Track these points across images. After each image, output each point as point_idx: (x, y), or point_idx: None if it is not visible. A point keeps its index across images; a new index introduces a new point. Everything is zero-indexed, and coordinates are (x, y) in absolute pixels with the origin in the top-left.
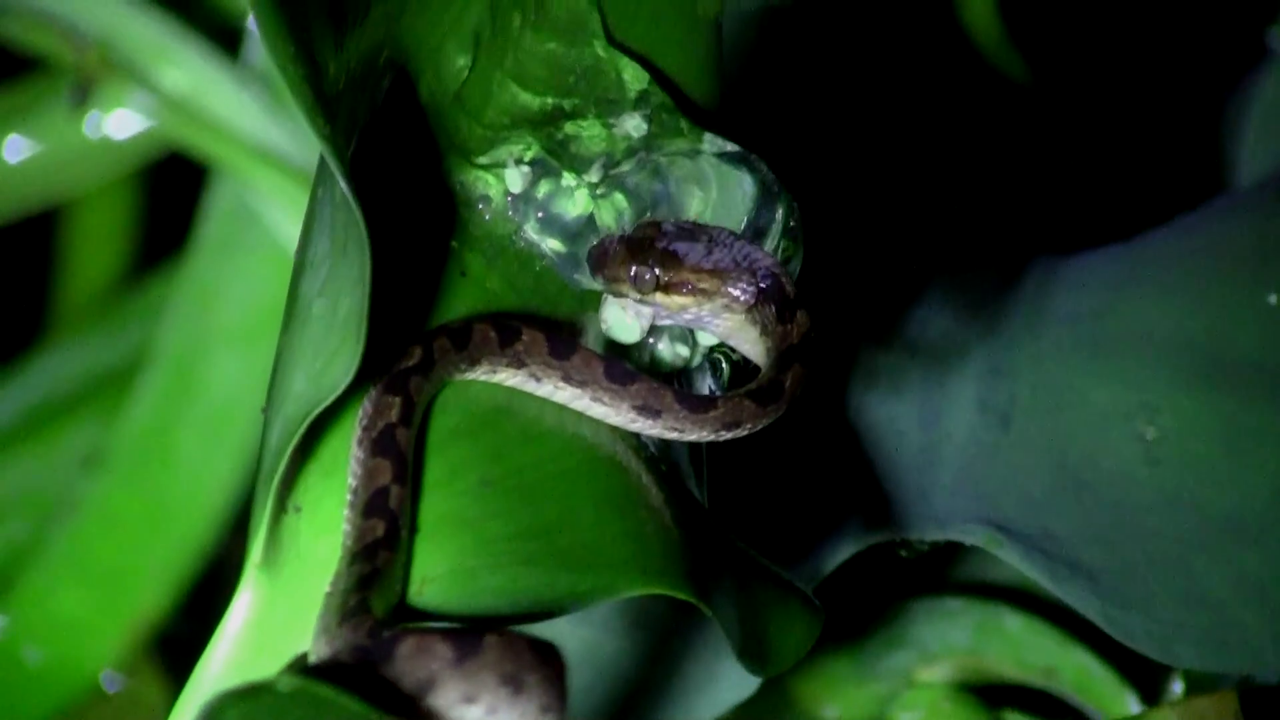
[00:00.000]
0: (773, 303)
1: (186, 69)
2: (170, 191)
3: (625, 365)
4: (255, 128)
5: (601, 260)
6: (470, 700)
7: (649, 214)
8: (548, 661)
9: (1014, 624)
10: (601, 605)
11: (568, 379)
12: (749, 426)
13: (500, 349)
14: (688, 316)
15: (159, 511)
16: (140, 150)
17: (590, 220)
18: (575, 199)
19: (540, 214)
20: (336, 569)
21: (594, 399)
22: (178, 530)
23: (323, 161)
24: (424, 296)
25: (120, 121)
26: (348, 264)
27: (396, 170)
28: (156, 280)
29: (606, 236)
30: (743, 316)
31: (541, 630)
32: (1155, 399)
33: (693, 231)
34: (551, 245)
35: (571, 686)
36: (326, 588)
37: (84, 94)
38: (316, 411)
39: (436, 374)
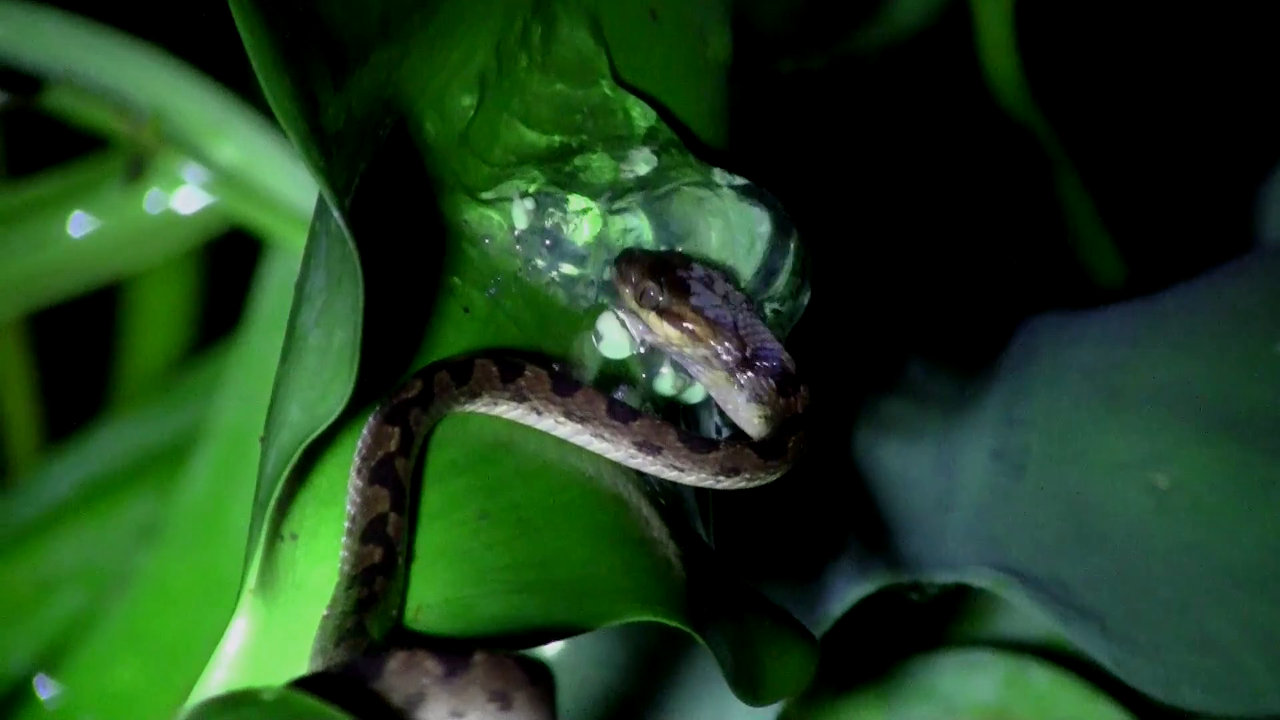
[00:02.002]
0: (772, 378)
1: (240, 143)
2: (231, 267)
3: (628, 405)
4: (309, 202)
5: (623, 262)
6: (458, 715)
7: (673, 244)
8: (536, 680)
9: (1041, 678)
10: (609, 646)
11: (569, 414)
12: (748, 477)
13: (502, 384)
14: (672, 351)
15: (213, 584)
16: (200, 226)
17: (600, 241)
18: (583, 226)
19: (548, 243)
20: (334, 593)
21: (595, 435)
22: (231, 603)
23: (321, 196)
24: (426, 332)
25: (180, 197)
26: (342, 297)
27: (399, 208)
28: (214, 355)
29: (641, 248)
30: (723, 375)
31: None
32: (1167, 450)
33: (717, 282)
34: (564, 270)
35: (562, 708)
36: (324, 611)
37: (139, 168)
38: (309, 440)
39: (436, 407)
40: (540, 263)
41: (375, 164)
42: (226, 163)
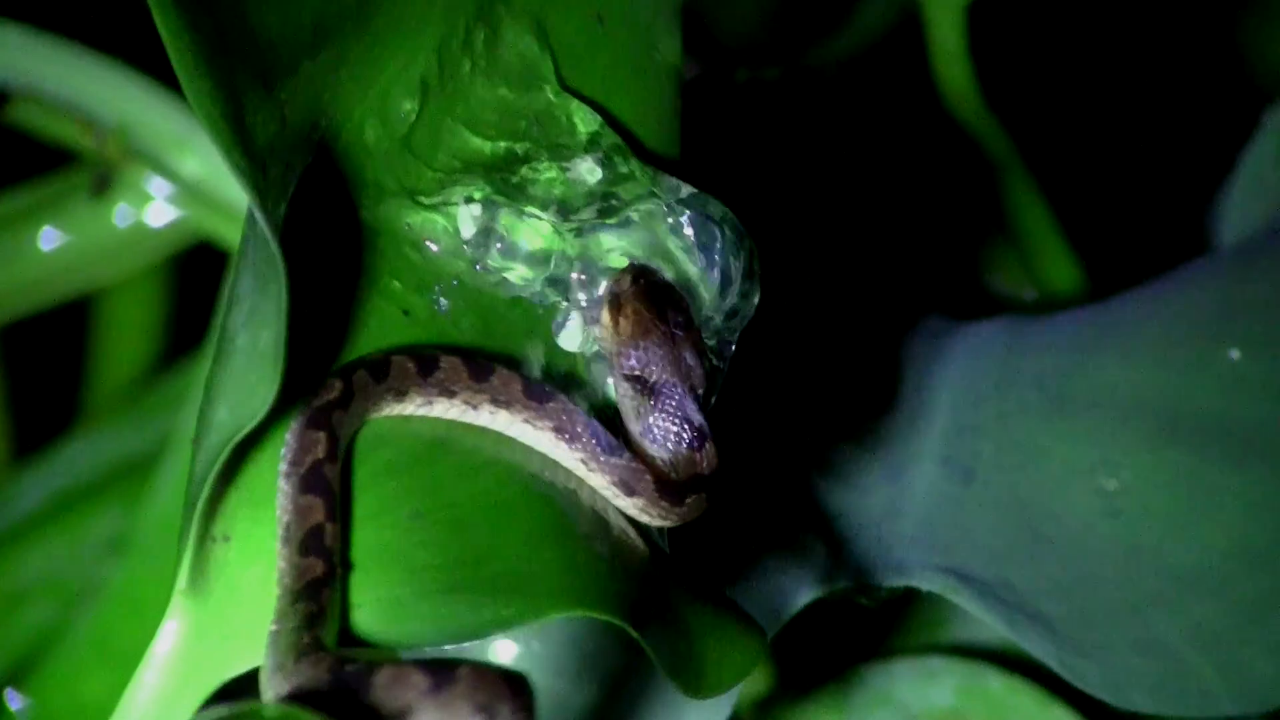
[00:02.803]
0: (686, 423)
1: (204, 156)
2: (199, 280)
3: (544, 385)
4: None
5: (634, 265)
6: None
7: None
8: (518, 693)
9: (996, 684)
10: (563, 653)
11: (495, 402)
12: (639, 505)
13: (422, 378)
14: (605, 353)
15: (169, 608)
16: (168, 240)
17: (561, 253)
18: (536, 230)
19: (500, 245)
20: (278, 606)
21: (524, 421)
22: None
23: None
24: (363, 336)
25: (149, 211)
26: (268, 299)
27: (336, 213)
28: (182, 368)
29: (653, 266)
30: (629, 389)
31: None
32: (1117, 455)
33: (682, 331)
34: (518, 273)
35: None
36: (271, 625)
37: (105, 182)
38: (235, 440)
39: (358, 407)
40: (492, 264)
41: (313, 169)
42: (191, 176)
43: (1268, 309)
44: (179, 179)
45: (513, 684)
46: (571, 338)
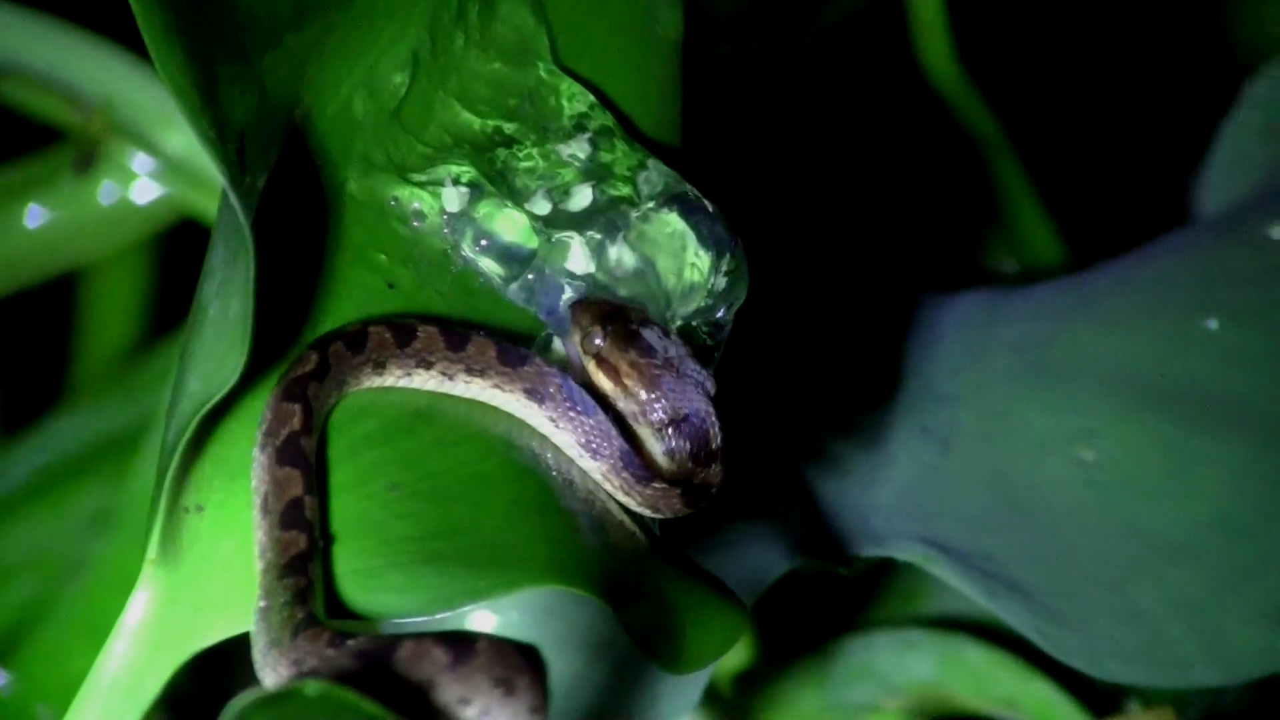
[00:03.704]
0: (690, 442)
1: (189, 133)
2: (185, 256)
3: (519, 348)
4: None
5: (578, 306)
6: (465, 702)
7: (622, 264)
8: (533, 665)
9: (976, 656)
10: (554, 631)
11: (470, 370)
12: (600, 460)
13: (399, 349)
14: (622, 410)
15: (140, 579)
16: (154, 216)
17: (533, 253)
18: (514, 224)
19: (477, 234)
20: (264, 582)
21: (494, 385)
22: None
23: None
24: (348, 308)
25: (134, 188)
26: (237, 269)
27: (321, 185)
28: (168, 345)
29: (608, 294)
30: (648, 430)
31: None
32: (1096, 424)
33: (666, 341)
34: (489, 265)
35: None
36: (260, 602)
37: (90, 159)
38: (205, 410)
39: (334, 378)
40: (468, 253)
41: (300, 141)
42: (175, 152)
43: (1247, 280)
44: (163, 155)
45: (528, 657)
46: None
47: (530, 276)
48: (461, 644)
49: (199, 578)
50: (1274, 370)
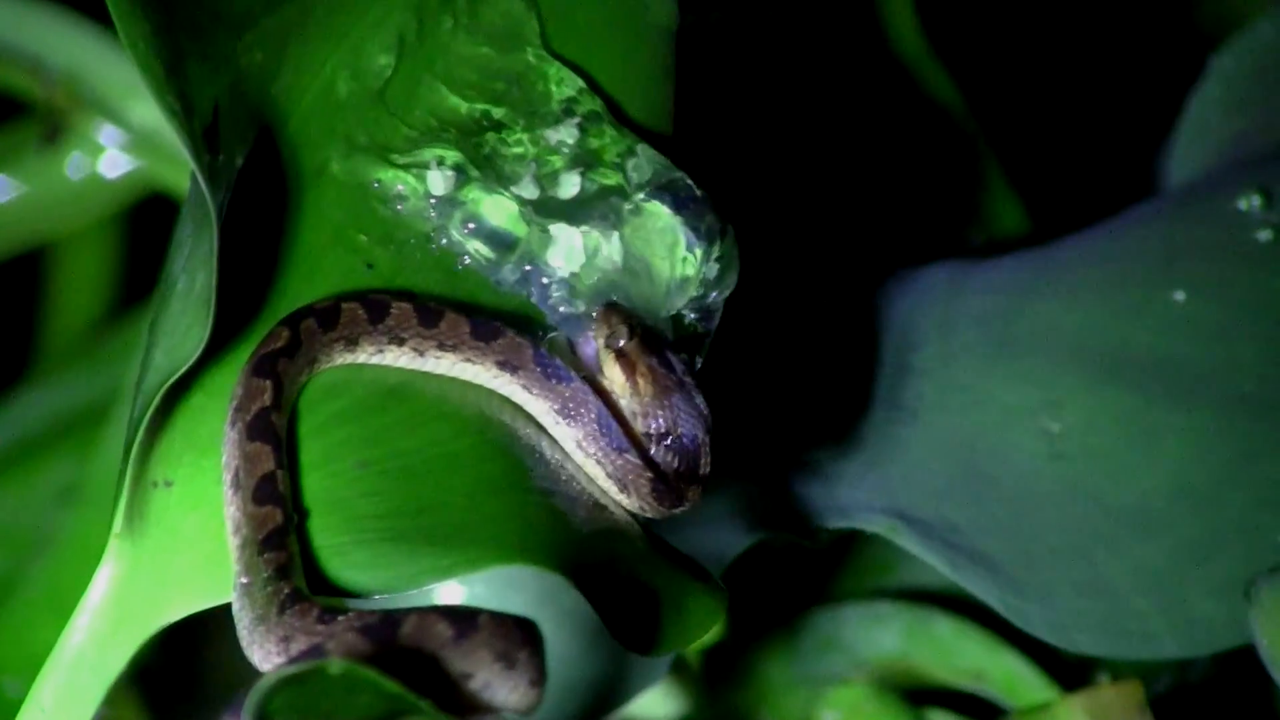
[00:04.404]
0: (679, 459)
1: (156, 106)
2: (152, 230)
3: (492, 323)
4: None
5: (609, 307)
6: (468, 676)
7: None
8: (531, 639)
9: (944, 628)
10: (520, 604)
11: (442, 346)
12: (574, 427)
13: (372, 325)
14: (613, 391)
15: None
16: (121, 190)
17: (522, 240)
18: (502, 209)
19: (464, 218)
20: (243, 558)
21: (464, 360)
22: None
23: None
24: (324, 289)
25: (101, 162)
26: (202, 241)
27: (300, 164)
28: (135, 318)
29: (603, 283)
30: (642, 436)
31: None
32: (1061, 396)
33: (679, 365)
34: (477, 249)
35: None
36: (240, 579)
37: (56, 130)
38: (169, 383)
39: (306, 354)
40: (455, 235)
41: (281, 120)
42: (141, 124)
43: (1212, 251)
44: (130, 128)
45: (526, 631)
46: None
47: (523, 265)
48: (463, 619)
49: (165, 552)
50: (1238, 342)
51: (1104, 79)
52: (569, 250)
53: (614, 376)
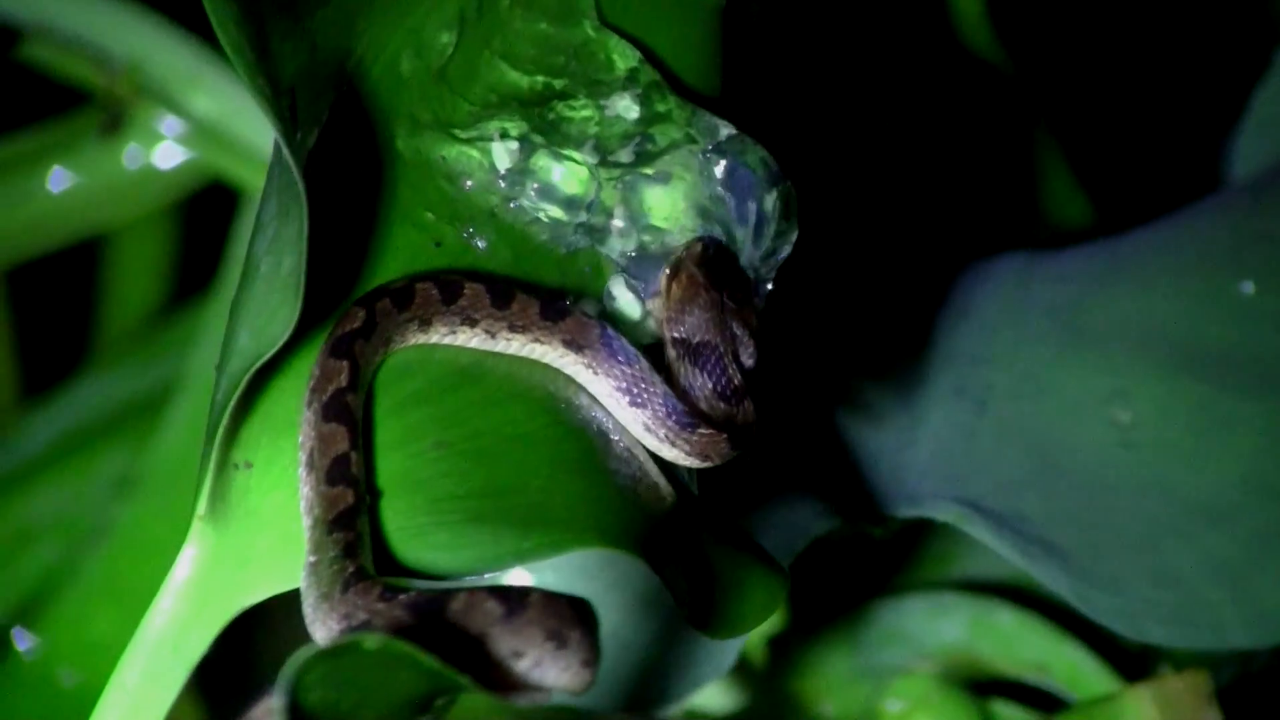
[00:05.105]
0: (708, 376)
1: (215, 94)
2: (209, 219)
3: (561, 301)
4: None
5: (699, 241)
6: (518, 655)
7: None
8: (584, 619)
9: (1007, 620)
10: (592, 591)
11: (512, 328)
12: (641, 409)
13: (445, 305)
14: (657, 320)
15: (189, 535)
16: (178, 180)
17: (595, 199)
18: (573, 173)
19: (536, 185)
20: (313, 537)
21: (533, 340)
22: None
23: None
24: (394, 268)
25: (158, 153)
26: (289, 223)
27: (369, 143)
28: (191, 309)
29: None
30: (674, 354)
31: None
32: (1130, 386)
33: (743, 299)
34: (551, 213)
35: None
36: (309, 557)
37: (116, 121)
38: (256, 365)
39: (380, 335)
40: (526, 203)
41: (347, 98)
42: (202, 114)
43: None
44: (190, 117)
45: (579, 611)
46: (633, 307)
47: (596, 223)
48: (514, 597)
49: (246, 534)
50: None
51: (1170, 71)
52: (641, 206)
53: (660, 285)
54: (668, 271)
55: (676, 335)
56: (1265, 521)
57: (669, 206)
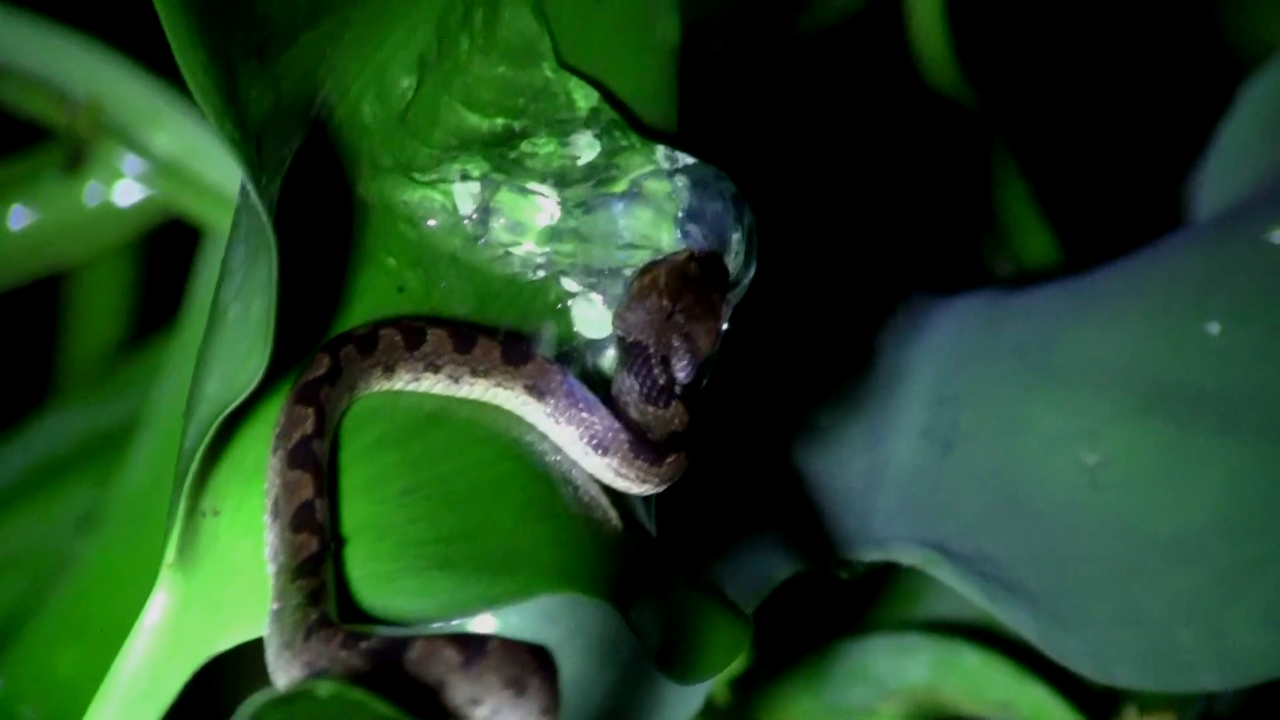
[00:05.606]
0: (636, 379)
1: (176, 132)
2: (171, 256)
3: (523, 345)
4: None
5: (689, 250)
6: (476, 702)
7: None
8: (545, 666)
9: (972, 659)
10: (556, 635)
11: (475, 372)
12: (609, 456)
13: (408, 351)
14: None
15: (153, 570)
16: (139, 217)
17: (562, 232)
18: (536, 207)
19: (503, 221)
20: (277, 584)
21: (496, 385)
22: None
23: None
24: (357, 313)
25: (119, 189)
26: (259, 269)
27: (333, 189)
28: (154, 345)
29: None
30: (618, 353)
31: None
32: (1098, 426)
33: (694, 311)
34: (520, 247)
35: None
36: (272, 604)
37: (78, 158)
38: (226, 412)
39: (345, 381)
40: (494, 240)
41: (309, 144)
42: (163, 152)
43: (1246, 281)
44: (150, 155)
45: (539, 658)
46: (600, 326)
47: (567, 246)
48: (473, 644)
49: (215, 581)
50: (1274, 371)
51: (1134, 108)
52: (612, 225)
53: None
54: (638, 273)
55: (618, 334)
56: (1232, 561)
57: (640, 224)
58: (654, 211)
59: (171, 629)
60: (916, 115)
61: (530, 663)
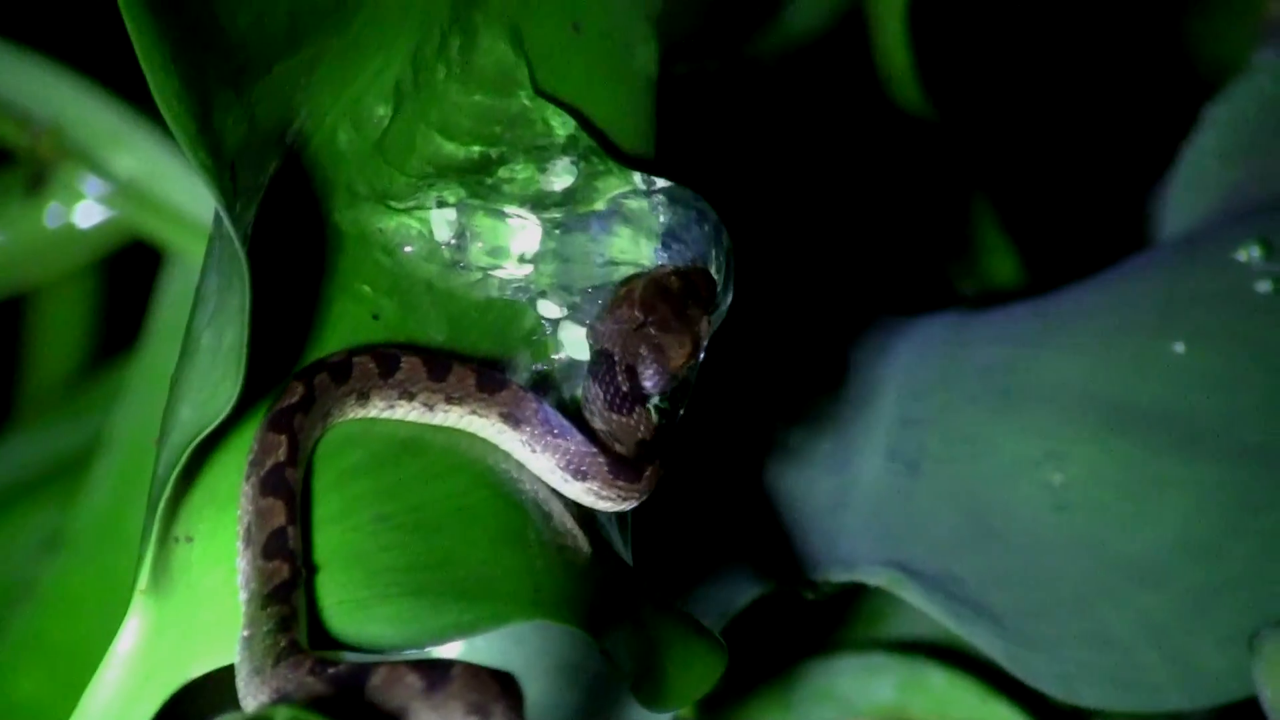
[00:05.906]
0: (600, 386)
1: (139, 155)
2: (132, 278)
3: (497, 373)
4: (209, 212)
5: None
6: None
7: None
8: (509, 692)
9: (939, 680)
10: (522, 657)
11: (449, 400)
12: (589, 480)
13: (383, 379)
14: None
15: (115, 593)
16: (100, 239)
17: (546, 252)
18: (517, 230)
19: (481, 245)
20: (248, 611)
21: (470, 413)
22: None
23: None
24: (332, 341)
25: (80, 211)
26: (232, 297)
27: (308, 217)
28: (115, 367)
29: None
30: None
31: None
32: (1064, 447)
33: (667, 325)
34: (500, 271)
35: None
36: (243, 631)
37: (39, 180)
38: (198, 439)
39: (319, 409)
40: (473, 264)
41: (285, 172)
42: (126, 174)
43: (1212, 303)
44: (113, 177)
45: (503, 683)
46: (583, 347)
47: (548, 267)
48: (436, 670)
49: (188, 608)
50: (1240, 393)
51: (1097, 128)
52: (591, 244)
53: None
54: (619, 284)
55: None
56: (1198, 582)
57: (620, 241)
58: (633, 228)
59: (144, 655)
60: (884, 136)
61: (494, 689)
